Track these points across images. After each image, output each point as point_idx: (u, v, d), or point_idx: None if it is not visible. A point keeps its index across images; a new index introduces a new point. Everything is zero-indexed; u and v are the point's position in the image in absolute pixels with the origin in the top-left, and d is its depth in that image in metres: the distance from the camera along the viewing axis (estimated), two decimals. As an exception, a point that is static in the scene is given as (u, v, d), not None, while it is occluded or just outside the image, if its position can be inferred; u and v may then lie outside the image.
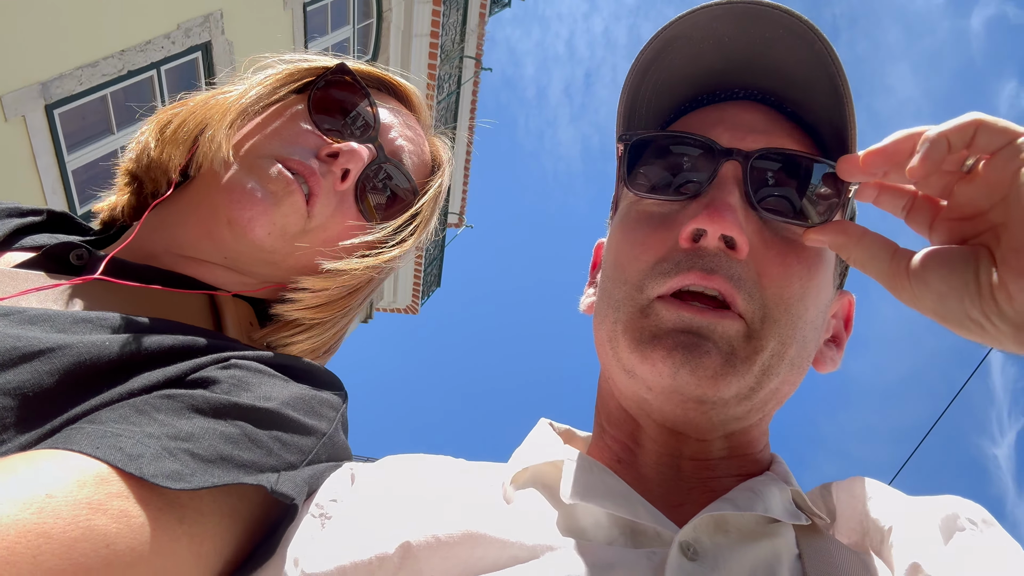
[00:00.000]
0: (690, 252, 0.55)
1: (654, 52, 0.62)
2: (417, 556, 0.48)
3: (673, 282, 0.55)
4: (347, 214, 0.75)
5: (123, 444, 0.49)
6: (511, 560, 0.47)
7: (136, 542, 0.46)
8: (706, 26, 0.59)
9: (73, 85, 4.19)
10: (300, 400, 0.61)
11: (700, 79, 0.64)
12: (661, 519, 0.50)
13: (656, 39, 0.61)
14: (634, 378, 0.57)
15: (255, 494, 0.56)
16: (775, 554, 0.49)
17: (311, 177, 0.71)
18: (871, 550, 0.52)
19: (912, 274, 0.48)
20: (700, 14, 0.59)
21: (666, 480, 0.58)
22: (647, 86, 0.64)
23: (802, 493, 0.57)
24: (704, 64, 0.63)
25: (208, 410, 0.55)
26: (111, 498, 0.46)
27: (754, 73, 0.63)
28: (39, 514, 0.42)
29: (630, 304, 0.57)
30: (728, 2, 0.58)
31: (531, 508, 0.53)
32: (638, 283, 0.57)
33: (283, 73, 0.79)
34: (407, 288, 9.99)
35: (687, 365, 0.52)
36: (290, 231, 0.72)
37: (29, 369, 0.53)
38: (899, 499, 0.55)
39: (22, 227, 0.76)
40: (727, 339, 0.54)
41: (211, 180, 0.73)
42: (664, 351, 0.53)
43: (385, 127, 0.79)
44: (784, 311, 0.56)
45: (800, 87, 0.60)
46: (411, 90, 0.86)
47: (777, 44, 0.59)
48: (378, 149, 0.76)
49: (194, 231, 0.73)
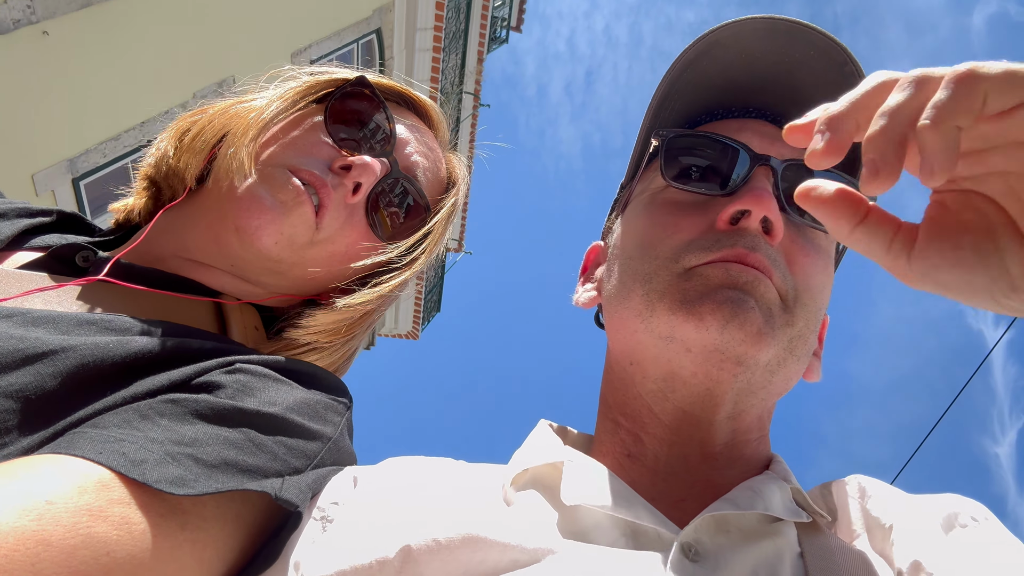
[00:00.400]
0: (730, 232, 0.57)
1: (696, 53, 0.65)
2: (417, 560, 0.48)
3: (716, 256, 0.56)
4: (357, 228, 0.75)
5: (126, 449, 0.48)
6: (511, 564, 0.46)
7: (137, 549, 0.45)
8: (747, 37, 0.63)
9: (98, 158, 4.49)
10: (305, 405, 0.61)
11: (723, 90, 0.67)
12: (662, 520, 0.50)
13: (700, 41, 0.64)
14: (672, 343, 0.56)
15: (259, 499, 0.56)
16: (777, 553, 0.48)
17: (321, 188, 0.71)
18: (873, 548, 0.52)
19: (921, 275, 0.39)
20: (745, 23, 0.62)
21: (672, 473, 0.59)
22: (681, 84, 0.66)
23: (802, 491, 0.56)
24: (731, 76, 0.66)
25: (212, 415, 0.54)
26: (112, 504, 0.45)
27: (773, 92, 0.65)
28: (39, 521, 0.42)
29: (666, 273, 0.58)
30: (771, 17, 0.61)
31: (531, 510, 0.53)
32: (673, 256, 0.58)
33: (304, 85, 0.78)
34: (408, 314, 10.33)
35: (736, 319, 0.53)
36: (298, 241, 0.71)
37: (32, 371, 0.52)
38: (899, 497, 0.54)
39: (32, 227, 0.76)
40: (767, 302, 0.55)
41: (224, 187, 0.72)
42: (714, 305, 0.54)
43: (401, 142, 0.79)
44: (811, 299, 0.59)
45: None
46: (430, 106, 0.86)
47: (803, 66, 0.62)
48: (392, 164, 0.76)
49: (203, 236, 0.73)
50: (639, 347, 0.60)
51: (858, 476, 0.57)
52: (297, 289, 0.78)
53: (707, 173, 0.62)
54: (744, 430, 0.60)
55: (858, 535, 0.54)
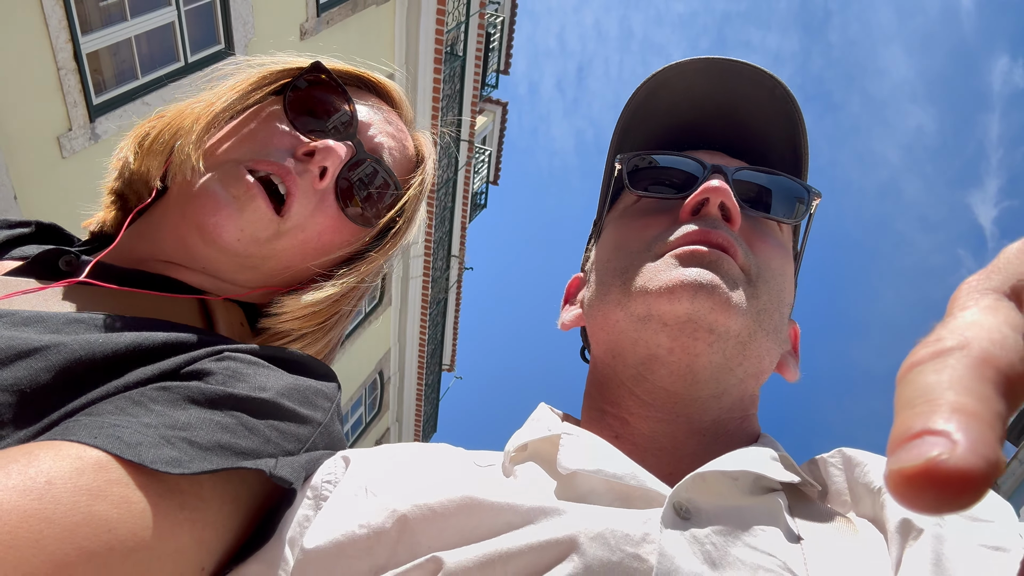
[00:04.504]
0: (693, 220, 0.62)
1: (645, 94, 0.71)
2: (414, 529, 0.49)
3: (681, 238, 0.61)
4: (327, 213, 0.74)
5: (121, 433, 0.49)
6: (506, 526, 0.47)
7: (137, 527, 0.46)
8: (690, 76, 0.69)
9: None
10: (295, 390, 0.61)
11: (675, 129, 0.73)
12: (655, 482, 0.51)
13: (645, 84, 0.71)
14: (649, 322, 0.60)
15: (254, 479, 0.57)
16: (768, 514, 0.50)
17: (287, 177, 0.70)
18: (864, 514, 0.53)
19: None
20: (685, 64, 0.69)
21: (661, 449, 0.61)
22: (634, 125, 0.73)
23: (791, 459, 0.58)
24: (680, 115, 0.72)
25: (204, 401, 0.55)
26: (111, 485, 0.46)
27: (721, 127, 0.71)
28: (39, 500, 0.43)
29: (638, 261, 0.62)
30: (708, 58, 0.68)
31: (528, 479, 0.54)
32: (644, 247, 0.63)
33: (256, 76, 0.77)
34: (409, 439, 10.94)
35: (703, 290, 0.57)
36: (260, 236, 0.70)
37: (25, 366, 0.54)
38: (886, 461, 0.64)
39: (11, 239, 0.77)
40: (731, 276, 0.59)
41: (184, 187, 0.72)
42: (682, 279, 0.58)
43: (364, 124, 0.78)
44: (771, 276, 0.63)
45: (760, 141, 0.70)
46: (391, 86, 0.85)
47: (746, 102, 0.69)
48: (357, 146, 0.75)
49: (170, 237, 0.73)
50: (620, 336, 0.63)
51: (843, 448, 0.58)
52: (276, 282, 0.77)
53: (670, 183, 0.68)
54: (728, 408, 0.62)
55: (848, 504, 0.54)
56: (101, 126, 4.10)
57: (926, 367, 0.20)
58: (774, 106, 0.69)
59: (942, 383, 0.19)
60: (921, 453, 0.18)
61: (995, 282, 0.23)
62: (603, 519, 0.46)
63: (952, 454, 0.17)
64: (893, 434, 0.19)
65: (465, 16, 8.17)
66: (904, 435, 0.19)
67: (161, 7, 4.42)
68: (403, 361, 10.42)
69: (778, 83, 0.68)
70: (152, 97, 4.41)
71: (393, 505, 0.50)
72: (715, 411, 0.62)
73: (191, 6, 4.63)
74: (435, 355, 11.38)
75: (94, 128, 4.07)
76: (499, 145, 13.96)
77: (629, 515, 0.47)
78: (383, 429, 10.79)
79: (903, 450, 0.18)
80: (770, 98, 0.69)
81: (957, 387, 0.19)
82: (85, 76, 3.94)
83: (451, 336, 12.13)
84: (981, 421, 0.18)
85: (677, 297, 0.57)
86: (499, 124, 13.79)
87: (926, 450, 0.18)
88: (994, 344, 0.20)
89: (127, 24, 4.21)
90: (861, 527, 0.50)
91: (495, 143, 13.85)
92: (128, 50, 4.31)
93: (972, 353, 0.20)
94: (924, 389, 0.20)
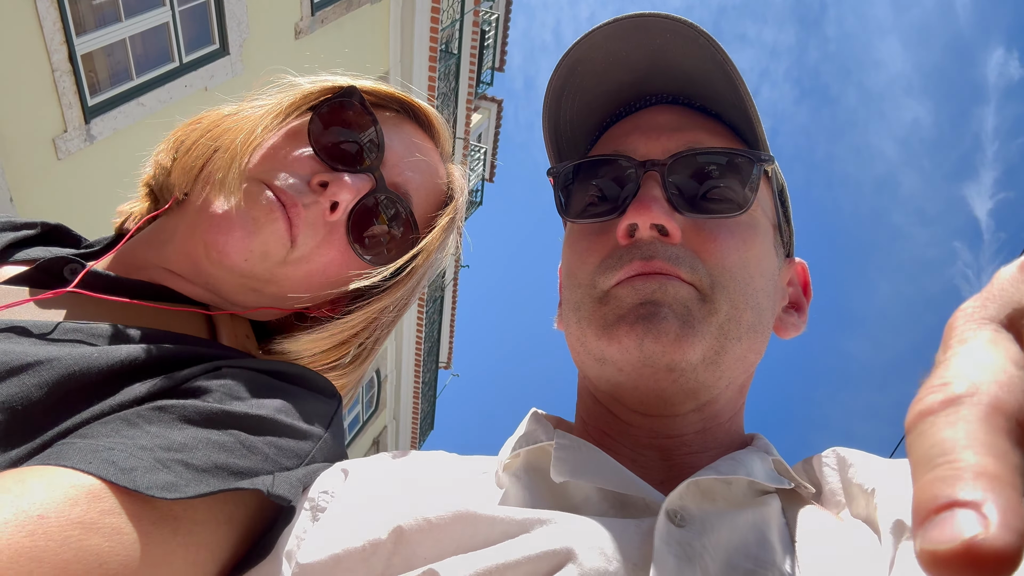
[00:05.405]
0: (629, 247, 0.60)
1: (561, 79, 0.66)
2: (410, 540, 0.48)
3: (619, 274, 0.59)
4: (335, 247, 0.72)
5: (115, 458, 0.48)
6: (502, 536, 0.47)
7: (130, 559, 0.46)
8: (603, 45, 0.64)
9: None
10: (294, 405, 0.61)
11: (613, 94, 0.69)
12: (649, 490, 0.51)
13: (560, 66, 0.66)
14: (605, 364, 0.59)
15: (251, 498, 0.56)
16: (763, 519, 0.49)
17: (291, 207, 0.68)
18: (857, 515, 0.52)
19: None
20: (595, 35, 0.64)
21: (649, 462, 0.60)
22: (564, 113, 0.69)
23: (784, 463, 0.58)
24: (613, 79, 0.67)
25: (200, 420, 0.54)
26: (104, 515, 0.45)
27: (658, 79, 0.67)
28: (31, 537, 0.42)
29: (588, 299, 0.61)
30: (616, 20, 0.63)
31: (522, 489, 0.54)
32: (590, 282, 0.62)
33: (297, 97, 0.76)
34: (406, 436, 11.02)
35: (649, 334, 0.55)
36: (271, 257, 0.69)
37: (17, 383, 0.52)
38: (880, 462, 0.55)
39: (17, 240, 0.76)
40: (680, 301, 0.57)
41: (201, 200, 0.70)
42: (627, 326, 0.56)
43: (391, 155, 0.75)
44: (730, 278, 0.59)
45: (699, 83, 0.65)
46: (432, 115, 0.82)
47: (669, 49, 0.64)
48: (378, 179, 0.73)
49: (178, 249, 0.71)
50: (586, 368, 0.63)
51: (837, 448, 0.58)
52: (281, 306, 0.75)
53: (601, 197, 0.65)
54: (714, 415, 0.62)
55: (842, 504, 0.54)
56: (96, 127, 4.10)
57: (938, 419, 0.20)
58: (694, 47, 0.63)
59: (959, 440, 0.19)
60: (954, 532, 0.17)
61: (991, 311, 0.23)
62: (599, 528, 0.46)
63: (987, 534, 0.17)
64: (917, 501, 0.19)
65: (460, 14, 8.15)
66: (931, 505, 0.18)
67: (155, 7, 4.42)
68: (400, 359, 10.43)
69: (695, 28, 0.63)
70: (147, 98, 4.41)
71: (389, 517, 0.50)
72: (699, 422, 0.61)
73: (185, 6, 4.62)
74: (432, 353, 11.41)
75: (89, 129, 4.07)
76: (495, 142, 13.95)
77: (624, 524, 0.47)
78: (380, 427, 10.81)
79: (932, 524, 0.18)
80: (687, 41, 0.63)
81: (975, 445, 0.19)
82: (80, 77, 3.94)
83: (448, 334, 12.20)
84: (1005, 485, 0.18)
85: (625, 347, 0.56)
86: (494, 121, 13.78)
87: (959, 529, 0.17)
88: (1002, 388, 0.20)
89: (121, 25, 4.21)
90: (855, 528, 0.50)
91: (490, 140, 13.83)
92: (123, 51, 4.30)
93: (983, 400, 0.20)
94: (941, 446, 0.19)
